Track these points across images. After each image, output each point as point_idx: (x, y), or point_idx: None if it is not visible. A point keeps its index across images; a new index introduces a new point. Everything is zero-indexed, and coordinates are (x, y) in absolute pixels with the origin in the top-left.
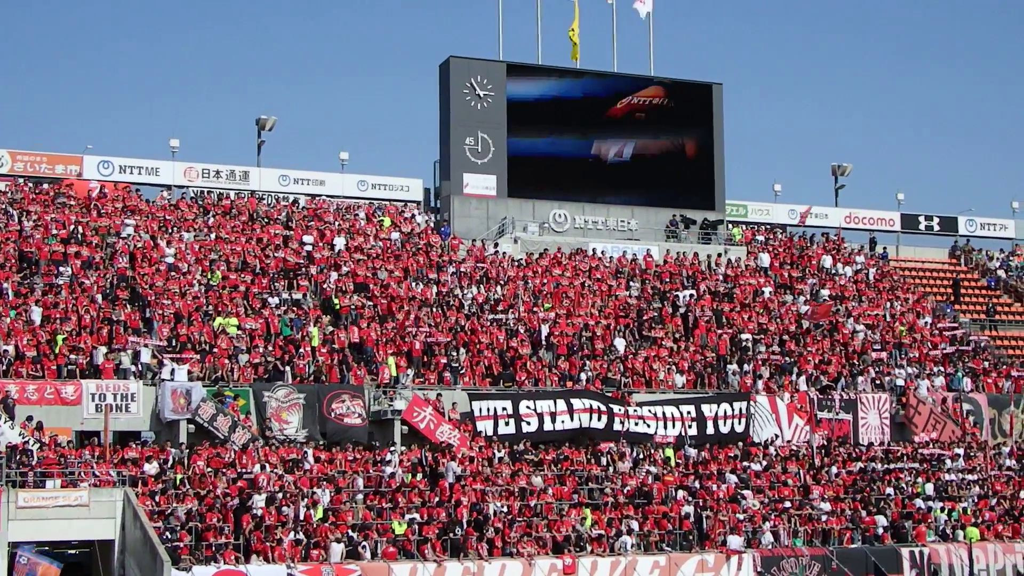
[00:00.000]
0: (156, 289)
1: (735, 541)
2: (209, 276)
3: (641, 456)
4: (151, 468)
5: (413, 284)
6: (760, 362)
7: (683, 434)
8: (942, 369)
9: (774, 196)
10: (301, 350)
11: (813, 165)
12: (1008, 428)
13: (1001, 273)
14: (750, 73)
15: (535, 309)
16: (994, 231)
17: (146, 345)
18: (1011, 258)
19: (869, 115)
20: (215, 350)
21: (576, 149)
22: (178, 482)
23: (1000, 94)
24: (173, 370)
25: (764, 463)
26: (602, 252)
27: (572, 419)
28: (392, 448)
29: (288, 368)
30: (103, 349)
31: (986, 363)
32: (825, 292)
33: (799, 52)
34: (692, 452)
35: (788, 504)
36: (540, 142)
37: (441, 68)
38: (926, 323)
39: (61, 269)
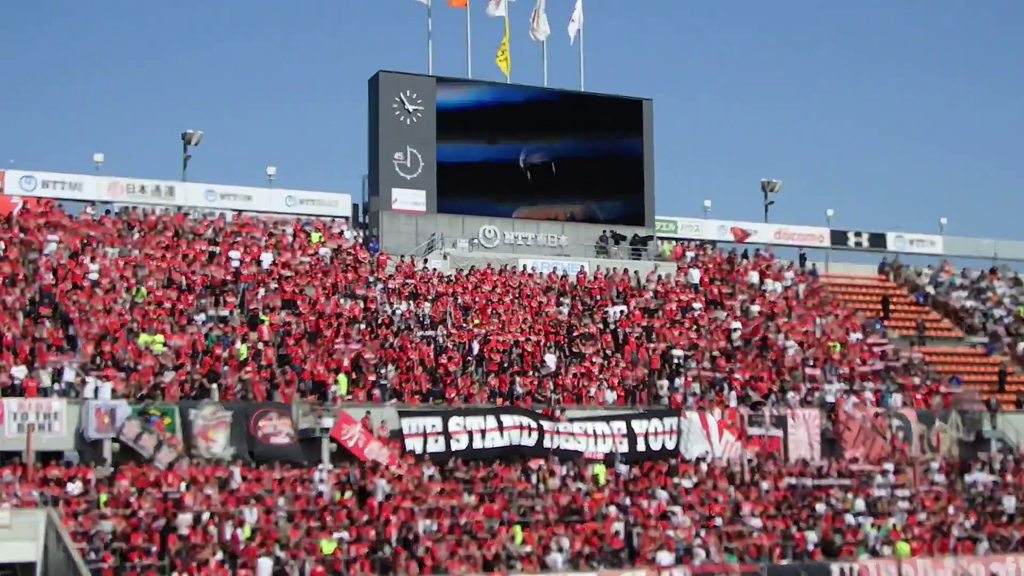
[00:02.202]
0: (80, 306)
1: (666, 558)
2: (134, 293)
3: (572, 473)
4: (75, 488)
5: (341, 300)
6: (691, 378)
7: (614, 451)
8: (872, 385)
9: (704, 212)
10: (227, 367)
11: (743, 181)
12: (936, 443)
13: (930, 289)
14: (680, 88)
15: (465, 325)
16: (923, 247)
17: (70, 363)
18: (940, 274)
19: (798, 131)
20: (140, 368)
21: (505, 156)
22: (102, 502)
23: (929, 109)
24: (97, 388)
25: (695, 479)
26: (532, 268)
27: (502, 436)
28: (320, 467)
29: (215, 386)
30: (25, 367)
31: (915, 379)
32: (756, 308)
33: (728, 68)
34: (623, 469)
35: (719, 520)
36: (471, 149)
37: (370, 83)
38: (856, 339)
39: None
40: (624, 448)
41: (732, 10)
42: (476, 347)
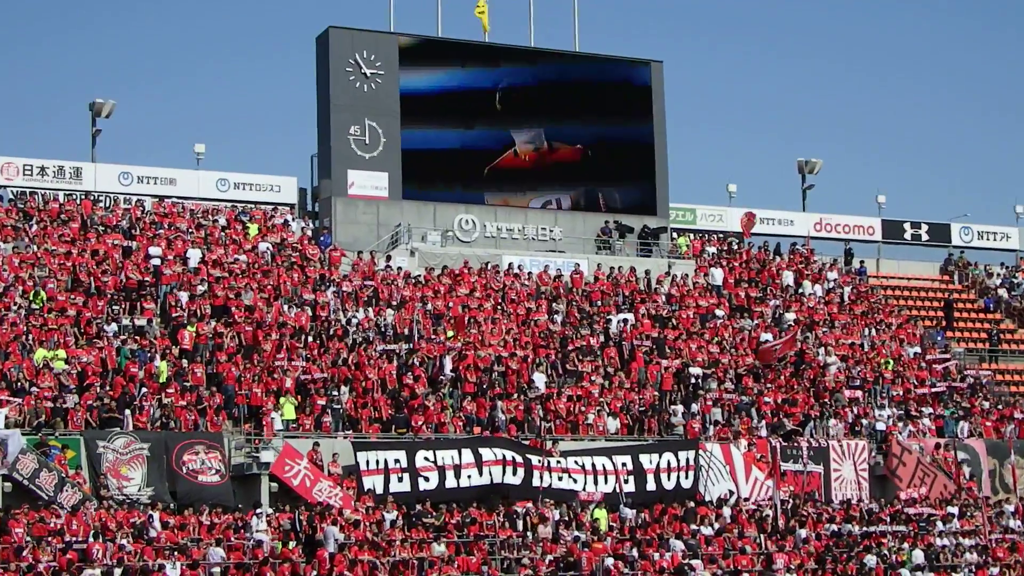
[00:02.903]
0: None
1: None
2: (31, 297)
3: (567, 518)
4: None
5: (285, 307)
6: (711, 402)
7: (617, 491)
8: (931, 410)
9: (728, 199)
10: (145, 389)
11: (775, 161)
12: (1011, 482)
13: (1003, 292)
14: (697, 48)
15: (436, 337)
16: (994, 241)
17: None
18: (1015, 274)
19: (842, 99)
20: (37, 390)
21: (488, 141)
22: None
23: (1005, 74)
24: None
25: (717, 526)
26: (518, 267)
27: (481, 474)
28: (258, 510)
29: (128, 412)
30: None
31: (985, 403)
32: (790, 316)
33: (756, 22)
34: (629, 513)
35: None
36: (443, 123)
37: (319, 42)
38: (912, 354)
39: None
40: (630, 488)
41: None
42: (449, 364)
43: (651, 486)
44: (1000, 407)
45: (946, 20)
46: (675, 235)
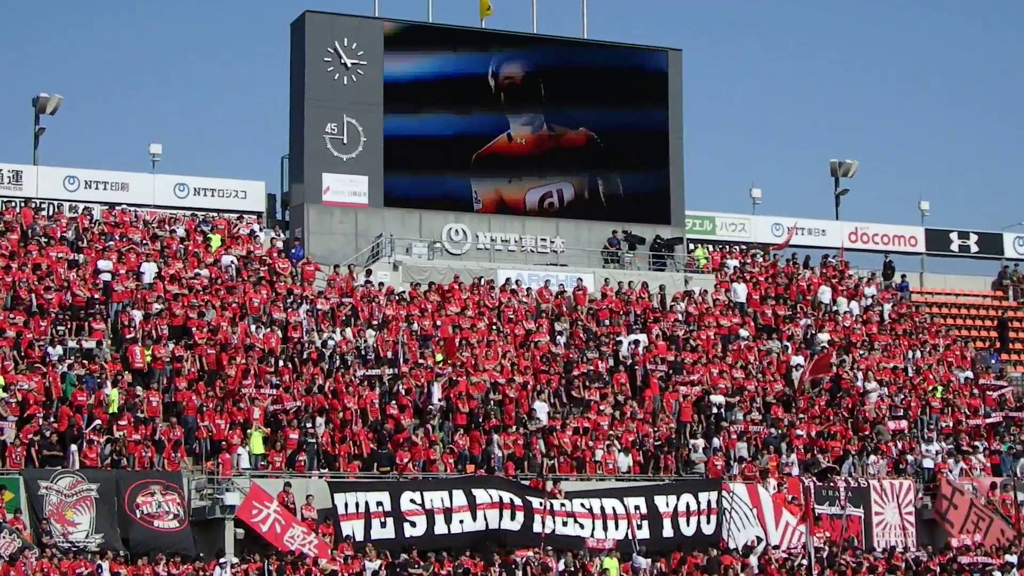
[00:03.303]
0: None
1: None
2: None
3: (573, 568)
4: None
5: (252, 327)
6: (736, 436)
7: (630, 537)
8: (986, 445)
9: (752, 205)
10: (94, 421)
11: (805, 163)
12: None
13: None
14: (718, 37)
15: (423, 362)
16: None
17: None
18: None
19: (880, 94)
20: None
21: (480, 128)
22: None
23: None
24: None
25: None
26: (516, 282)
27: (475, 518)
28: (222, 560)
29: (74, 447)
30: None
31: None
32: (824, 336)
33: (785, 10)
34: (643, 563)
35: None
36: (432, 118)
37: (293, 28)
38: (963, 380)
39: None
40: (644, 534)
41: None
42: (438, 393)
43: (668, 532)
44: None
45: (991, 13)
46: (692, 246)
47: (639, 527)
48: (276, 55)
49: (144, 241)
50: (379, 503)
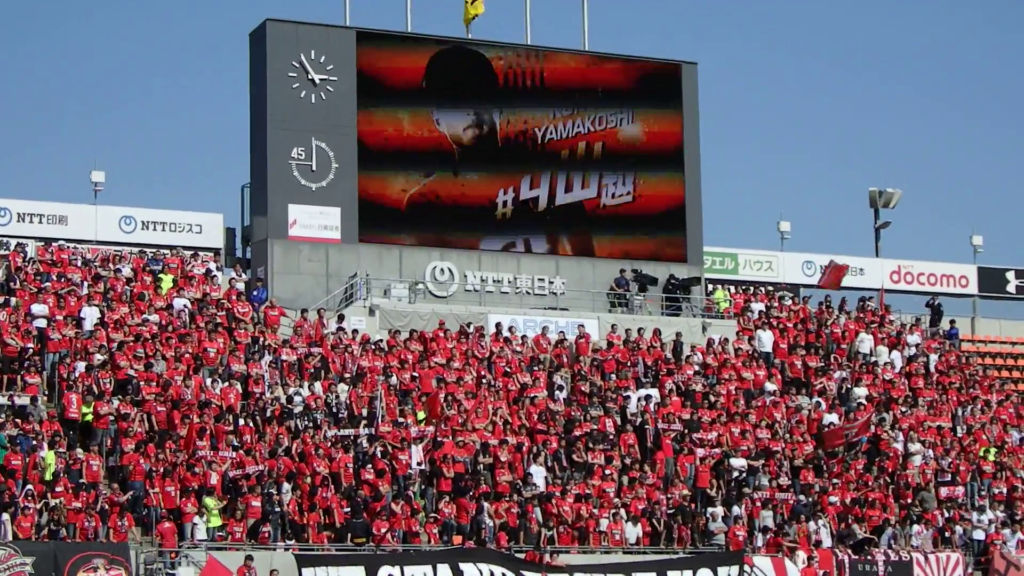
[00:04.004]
0: None
1: None
2: None
3: None
4: None
5: (208, 381)
6: (760, 503)
7: None
8: None
9: (780, 241)
10: (28, 487)
11: (840, 192)
12: None
13: None
14: (738, 50)
15: (403, 420)
16: None
17: None
18: None
19: (926, 116)
20: None
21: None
22: None
23: None
24: None
25: None
26: (509, 328)
27: None
28: None
29: (6, 516)
30: None
31: None
32: (862, 391)
33: (815, 20)
34: None
35: None
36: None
37: (253, 39)
38: (1019, 440)
39: None
40: None
41: None
42: (420, 455)
43: None
44: None
45: None
46: (711, 288)
47: None
48: (235, 69)
49: (85, 282)
50: None
